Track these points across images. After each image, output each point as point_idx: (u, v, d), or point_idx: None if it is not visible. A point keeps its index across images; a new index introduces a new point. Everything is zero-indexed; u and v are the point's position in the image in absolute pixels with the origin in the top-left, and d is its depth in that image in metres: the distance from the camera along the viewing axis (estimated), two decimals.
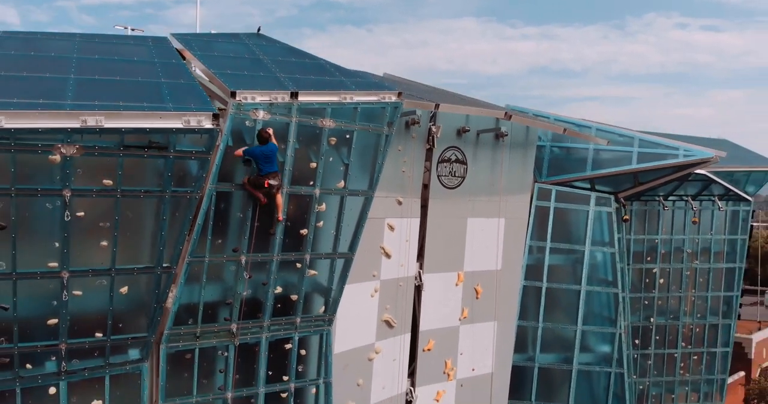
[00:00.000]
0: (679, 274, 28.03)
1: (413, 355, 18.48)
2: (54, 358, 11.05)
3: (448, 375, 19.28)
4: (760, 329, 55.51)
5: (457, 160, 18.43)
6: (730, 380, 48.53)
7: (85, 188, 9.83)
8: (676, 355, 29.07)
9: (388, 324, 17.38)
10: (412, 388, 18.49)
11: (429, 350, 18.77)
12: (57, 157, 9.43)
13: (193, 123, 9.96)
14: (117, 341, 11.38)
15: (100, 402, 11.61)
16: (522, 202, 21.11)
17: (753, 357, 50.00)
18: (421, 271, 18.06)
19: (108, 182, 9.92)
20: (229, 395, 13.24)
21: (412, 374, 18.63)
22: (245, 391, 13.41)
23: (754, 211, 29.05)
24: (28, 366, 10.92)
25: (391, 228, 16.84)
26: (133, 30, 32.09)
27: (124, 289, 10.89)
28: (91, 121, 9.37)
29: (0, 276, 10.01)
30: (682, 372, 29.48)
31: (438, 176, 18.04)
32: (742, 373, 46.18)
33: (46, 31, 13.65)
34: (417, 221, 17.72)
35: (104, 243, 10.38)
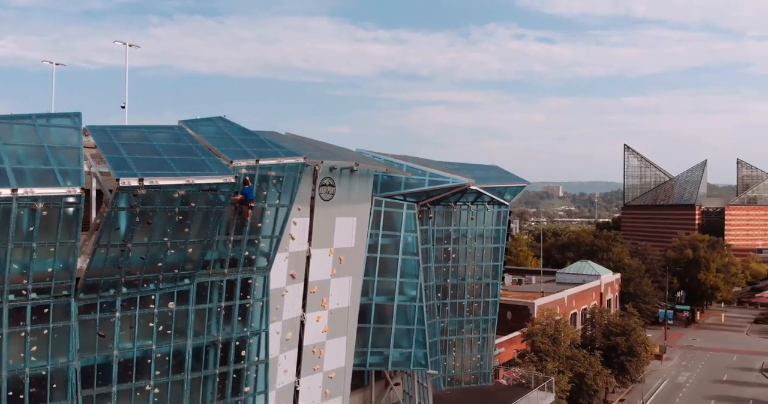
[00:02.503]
0: (464, 251, 45.25)
1: (305, 294, 33.98)
2: (155, 282, 25.61)
3: (324, 306, 35.00)
4: (543, 296, 75.39)
5: (330, 184, 34.18)
6: (518, 332, 68.22)
7: (185, 207, 24.54)
8: (463, 303, 46.02)
9: (293, 277, 32.82)
10: (303, 313, 34.05)
11: (314, 292, 34.39)
12: (176, 195, 24.10)
13: (227, 180, 24.97)
14: (182, 274, 26.16)
15: (173, 303, 26.29)
16: (366, 207, 37.28)
17: (535, 316, 68.76)
18: (310, 247, 33.68)
19: (193, 204, 24.69)
20: (222, 304, 28.18)
21: (304, 306, 34.14)
22: (230, 303, 28.41)
23: (510, 212, 46.98)
24: (145, 285, 25.40)
25: (295, 223, 32.31)
26: (57, 64, 43.80)
27: (191, 250, 25.66)
28: (190, 180, 24.17)
29: (142, 244, 24.45)
30: (468, 314, 46.42)
31: (319, 194, 33.71)
32: (526, 328, 64.86)
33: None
34: (308, 219, 33.32)
35: (186, 230, 25.12)
